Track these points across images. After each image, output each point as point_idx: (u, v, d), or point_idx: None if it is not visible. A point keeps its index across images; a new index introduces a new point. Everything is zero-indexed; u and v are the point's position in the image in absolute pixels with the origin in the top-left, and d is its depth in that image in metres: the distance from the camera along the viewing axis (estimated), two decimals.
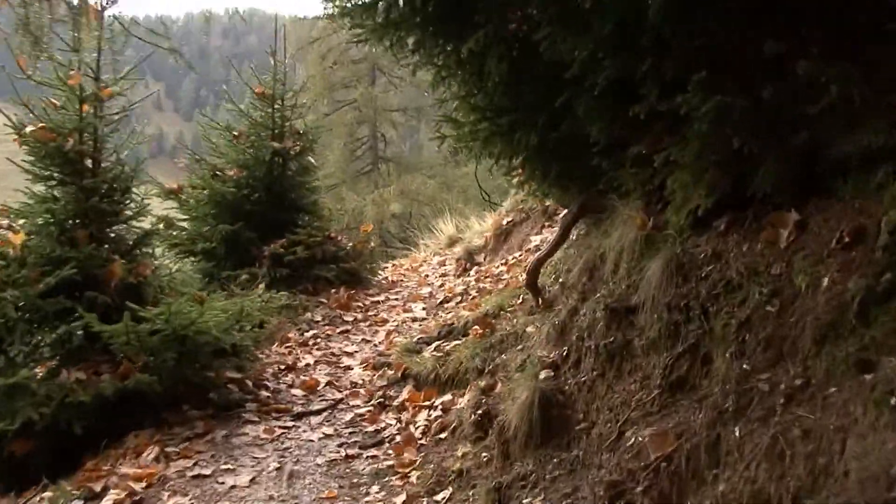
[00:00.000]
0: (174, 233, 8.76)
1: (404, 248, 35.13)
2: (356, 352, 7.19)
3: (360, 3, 4.62)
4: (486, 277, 8.53)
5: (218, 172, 8.95)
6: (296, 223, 9.05)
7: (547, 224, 8.81)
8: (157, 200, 8.89)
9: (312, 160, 9.58)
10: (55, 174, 6.35)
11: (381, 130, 38.87)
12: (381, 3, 4.55)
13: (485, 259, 9.43)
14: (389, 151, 39.96)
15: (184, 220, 8.98)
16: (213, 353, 6.01)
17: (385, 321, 8.00)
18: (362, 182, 37.35)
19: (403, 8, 4.47)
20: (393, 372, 6.11)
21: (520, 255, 8.55)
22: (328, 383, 6.36)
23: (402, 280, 10.03)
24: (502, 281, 8.00)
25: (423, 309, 8.25)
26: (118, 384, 5.50)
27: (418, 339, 6.41)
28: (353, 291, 8.83)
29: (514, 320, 5.52)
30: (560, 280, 5.19)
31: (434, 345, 6.11)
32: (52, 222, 6.22)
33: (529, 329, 5.05)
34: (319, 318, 8.07)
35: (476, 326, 5.84)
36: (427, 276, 10.26)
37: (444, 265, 11.03)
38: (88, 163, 6.40)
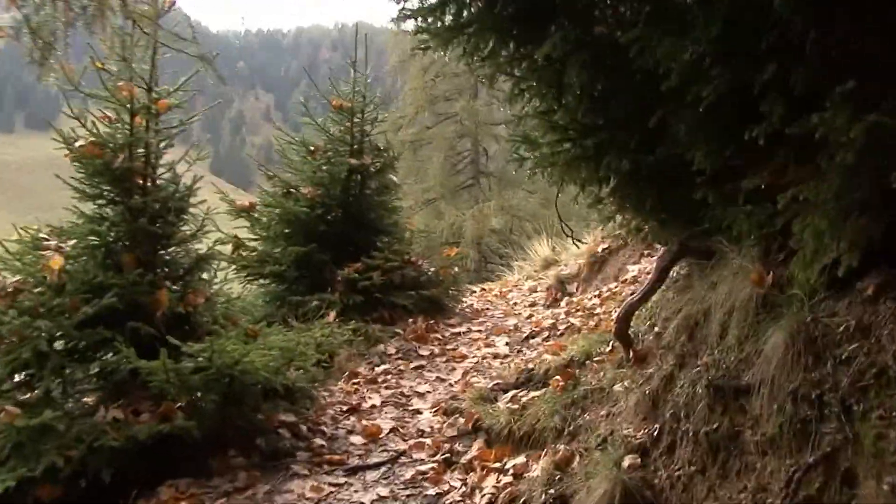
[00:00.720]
0: (244, 254, 8.21)
1: (502, 263, 34.47)
2: (428, 392, 6.49)
3: (427, 4, 3.93)
4: (577, 311, 7.76)
5: (291, 190, 8.38)
6: (373, 246, 8.40)
7: (646, 253, 8.00)
8: (228, 219, 8.39)
9: (394, 178, 8.94)
10: (104, 192, 5.84)
11: (483, 144, 38.24)
12: (451, 3, 3.85)
13: (577, 289, 8.65)
14: (491, 166, 39.31)
15: (255, 239, 8.43)
16: (264, 393, 5.39)
17: (464, 357, 7.29)
18: (462, 196, 36.80)
19: (476, 7, 3.78)
20: (464, 422, 5.38)
21: (615, 287, 7.75)
22: (392, 430, 5.68)
23: (487, 308, 9.30)
24: (594, 316, 7.22)
25: (507, 344, 7.51)
26: (154, 427, 4.92)
27: (494, 385, 5.67)
28: (432, 321, 8.14)
29: (601, 373, 4.74)
30: (655, 329, 4.40)
31: (511, 394, 5.36)
32: (97, 245, 5.70)
33: (617, 388, 4.28)
34: (393, 351, 7.40)
35: (558, 377, 5.08)
36: (515, 304, 9.52)
37: (535, 292, 10.27)
38: (139, 180, 5.87)
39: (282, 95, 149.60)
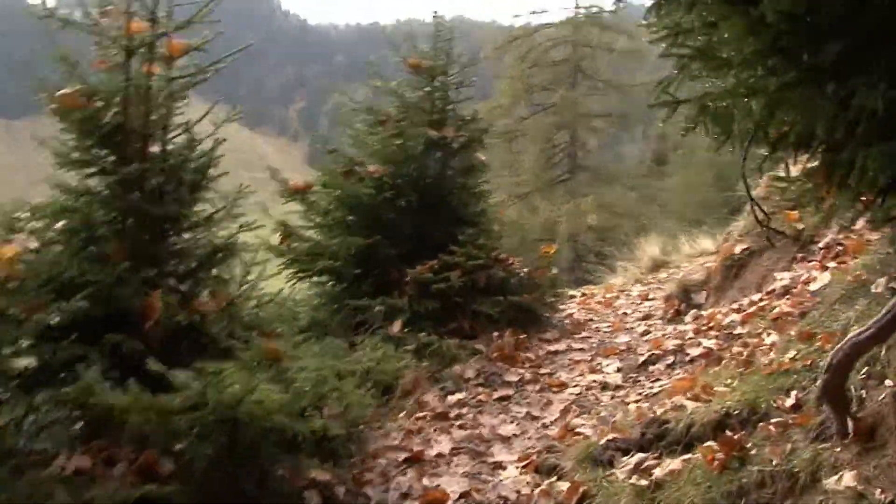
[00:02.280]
0: (294, 245, 6.68)
1: (598, 263, 32.71)
2: (514, 436, 4.87)
3: None
4: (709, 329, 6.04)
5: (356, 168, 6.81)
6: (453, 239, 6.80)
7: (801, 256, 6.24)
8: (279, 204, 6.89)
9: (482, 157, 7.28)
10: (93, 158, 4.37)
11: (581, 137, 36.46)
12: None
13: (706, 300, 6.90)
14: (588, 160, 37.54)
15: (309, 228, 6.89)
16: (286, 443, 3.84)
17: (562, 386, 5.63)
18: (557, 191, 35.08)
19: None
20: (566, 493, 3.73)
21: (760, 300, 6.01)
22: (463, 496, 4.07)
23: (590, 319, 7.61)
24: (737, 339, 5.51)
25: (619, 370, 5.83)
26: (117, 495, 3.42)
27: (609, 440, 4.00)
28: (523, 335, 6.49)
29: (787, 445, 3.04)
30: (890, 387, 2.70)
31: (635, 458, 3.68)
32: (75, 229, 4.23)
33: (828, 482, 2.59)
34: (471, 375, 5.79)
35: (712, 443, 3.39)
36: (624, 315, 7.81)
37: (647, 300, 8.53)
38: (137, 143, 4.39)
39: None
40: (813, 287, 5.52)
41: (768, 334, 5.14)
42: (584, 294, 9.36)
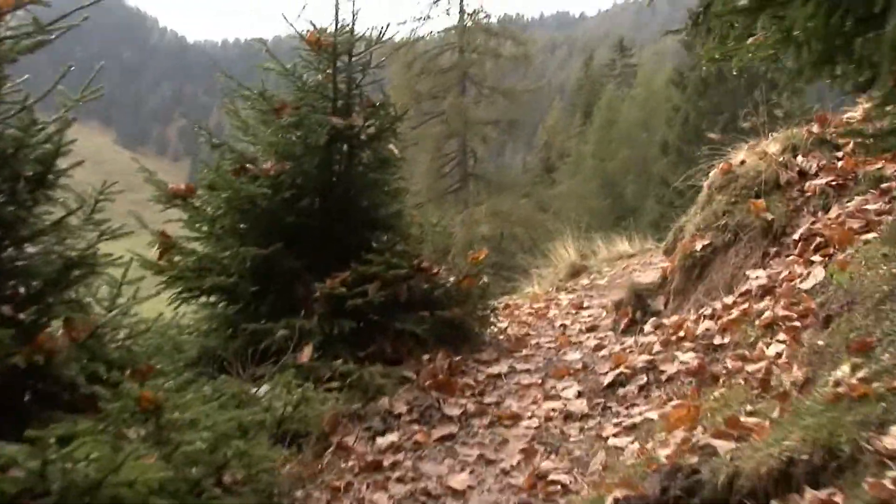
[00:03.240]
0: (176, 259, 5.49)
1: (497, 274, 31.99)
2: (471, 488, 3.81)
3: None
4: (681, 340, 5.10)
5: (247, 165, 5.66)
6: (367, 246, 5.73)
7: (774, 251, 5.38)
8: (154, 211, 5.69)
9: (395, 149, 6.19)
10: None
11: (471, 145, 35.79)
12: None
13: (666, 306, 5.97)
14: (479, 168, 36.92)
15: (194, 238, 5.71)
16: None
17: (516, 417, 4.59)
18: (449, 201, 34.31)
19: None
20: None
21: (734, 303, 5.11)
22: None
23: (528, 334, 6.61)
24: (719, 350, 4.60)
25: (579, 395, 4.83)
26: None
27: (618, 501, 2.95)
28: (456, 358, 5.44)
29: None
30: None
31: None
32: None
33: None
34: (403, 409, 4.70)
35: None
36: (564, 326, 6.84)
37: (583, 308, 7.60)
38: None
39: None
40: (805, 285, 4.64)
41: (767, 344, 4.23)
42: (507, 305, 8.36)
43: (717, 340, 4.79)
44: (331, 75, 5.88)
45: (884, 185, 5.41)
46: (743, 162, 6.10)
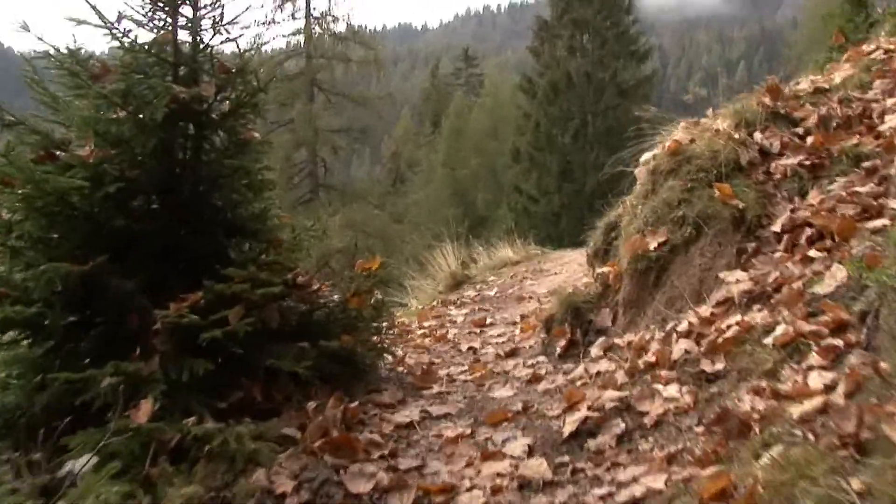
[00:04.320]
0: None
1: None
2: None
3: None
4: (650, 366, 3.86)
5: (55, 151, 4.11)
6: (225, 257, 4.29)
7: (751, 247, 4.24)
8: None
9: (256, 133, 4.74)
10: None
11: (321, 154, 34.40)
12: None
13: (615, 321, 4.73)
14: (330, 178, 35.58)
15: None
16: None
17: (450, 491, 3.22)
18: (300, 213, 32.74)
19: None
20: None
21: (713, 316, 3.93)
22: None
23: (432, 362, 5.26)
24: (718, 380, 3.38)
25: (530, 450, 3.49)
26: None
27: None
28: (352, 403, 4.02)
29: None
30: None
31: None
32: None
33: None
34: (288, 487, 3.25)
35: None
36: (474, 350, 5.53)
37: (487, 325, 6.34)
38: None
39: None
40: (821, 289, 3.49)
41: (800, 372, 3.03)
42: (393, 324, 6.99)
43: (707, 367, 3.57)
44: (171, 31, 4.39)
45: (867, 164, 4.37)
46: (693, 141, 4.95)
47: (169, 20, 4.41)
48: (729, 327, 3.66)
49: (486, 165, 45.15)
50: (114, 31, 4.29)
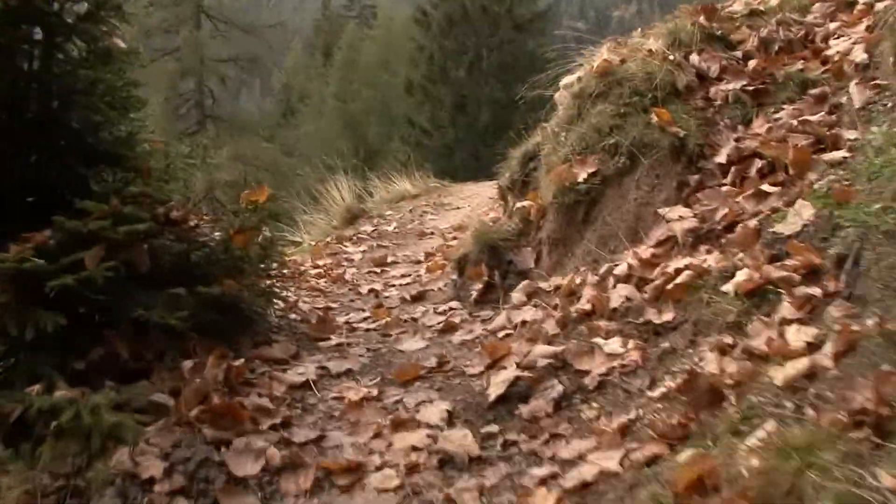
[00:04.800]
0: None
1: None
2: None
3: None
4: (585, 315, 3.35)
5: None
6: (83, 188, 3.59)
7: (694, 181, 3.76)
8: None
9: (121, 42, 4.00)
10: None
11: (208, 84, 33.02)
12: None
13: (539, 261, 4.19)
14: (217, 110, 34.24)
15: None
16: None
17: (356, 470, 2.66)
18: (186, 145, 31.48)
19: None
20: None
21: (654, 257, 3.43)
22: None
23: (329, 308, 4.66)
24: (668, 332, 2.88)
25: (450, 416, 2.94)
26: None
27: None
28: (237, 361, 3.39)
29: None
30: None
31: None
32: None
33: None
34: (158, 471, 2.63)
35: None
36: (376, 293, 4.96)
37: (388, 265, 5.77)
38: None
39: None
40: (785, 229, 3.01)
41: (773, 326, 2.55)
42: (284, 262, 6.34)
43: (654, 317, 3.08)
44: None
45: (815, 91, 3.92)
46: (623, 61, 4.41)
47: None
48: (678, 272, 3.16)
49: (378, 98, 44.21)
50: None
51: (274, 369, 3.50)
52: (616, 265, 3.56)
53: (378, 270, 5.66)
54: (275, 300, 4.22)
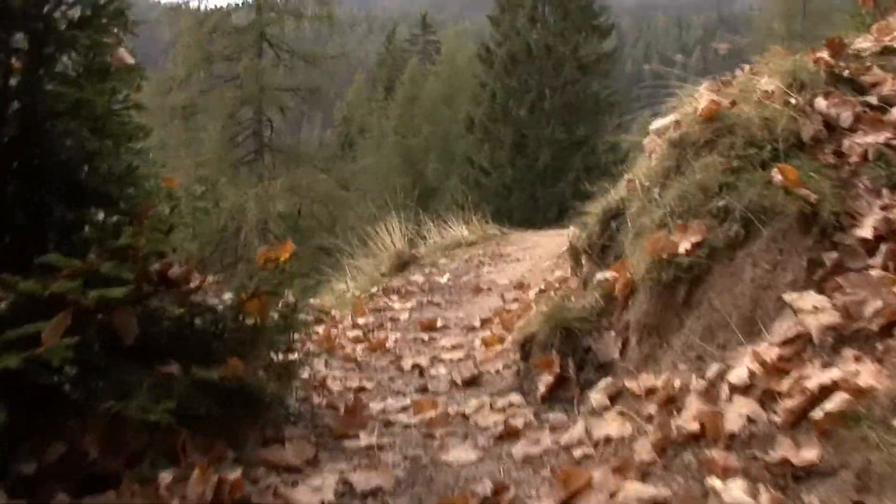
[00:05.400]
0: None
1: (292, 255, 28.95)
2: None
3: None
4: (691, 438, 2.51)
5: None
6: (62, 234, 2.86)
7: (832, 258, 2.90)
8: None
9: (127, 53, 3.29)
10: None
11: (268, 114, 32.71)
12: None
13: (624, 353, 3.32)
14: (275, 140, 33.91)
15: None
16: None
17: None
18: (242, 174, 31.14)
19: None
20: None
21: (787, 364, 2.58)
22: None
23: (362, 388, 3.87)
24: (802, 487, 2.02)
25: None
26: None
27: None
28: (233, 473, 2.60)
29: None
30: None
31: None
32: None
33: None
34: None
35: None
36: (420, 370, 4.16)
37: (438, 328, 4.96)
38: None
39: None
40: None
41: None
42: (318, 320, 5.57)
43: (791, 453, 2.24)
44: None
45: None
46: (734, 104, 3.60)
47: None
48: (824, 392, 2.32)
49: (438, 134, 43.83)
50: None
51: (283, 480, 2.71)
52: (729, 367, 2.72)
53: (426, 337, 4.88)
54: (294, 380, 3.43)
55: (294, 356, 3.40)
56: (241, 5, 32.54)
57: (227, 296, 3.21)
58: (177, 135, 30.61)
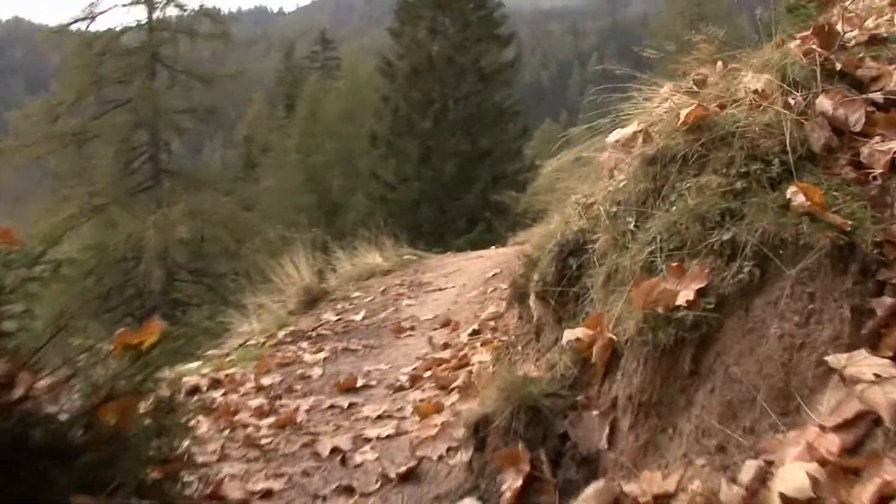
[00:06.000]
0: None
1: (199, 283, 27.95)
2: None
3: None
4: None
5: None
6: None
7: (878, 304, 2.14)
8: None
9: None
10: None
11: (164, 137, 31.39)
12: None
13: (613, 440, 2.54)
14: (174, 163, 32.57)
15: None
16: None
17: None
18: (140, 201, 29.71)
19: None
20: None
21: (852, 460, 1.83)
22: None
23: (269, 490, 3.01)
24: None
25: None
26: None
27: None
28: None
29: None
30: None
31: None
32: None
33: None
34: None
35: None
36: (343, 462, 3.31)
37: (358, 389, 4.14)
38: None
39: None
40: None
41: None
42: (217, 381, 4.68)
43: None
44: None
45: None
46: (723, 107, 2.87)
47: None
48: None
49: (341, 151, 43.18)
50: None
51: None
52: (771, 466, 1.96)
53: (345, 404, 4.03)
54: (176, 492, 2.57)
55: (175, 466, 2.53)
56: (132, 26, 31.06)
57: (76, 396, 2.34)
58: (69, 163, 29.17)
